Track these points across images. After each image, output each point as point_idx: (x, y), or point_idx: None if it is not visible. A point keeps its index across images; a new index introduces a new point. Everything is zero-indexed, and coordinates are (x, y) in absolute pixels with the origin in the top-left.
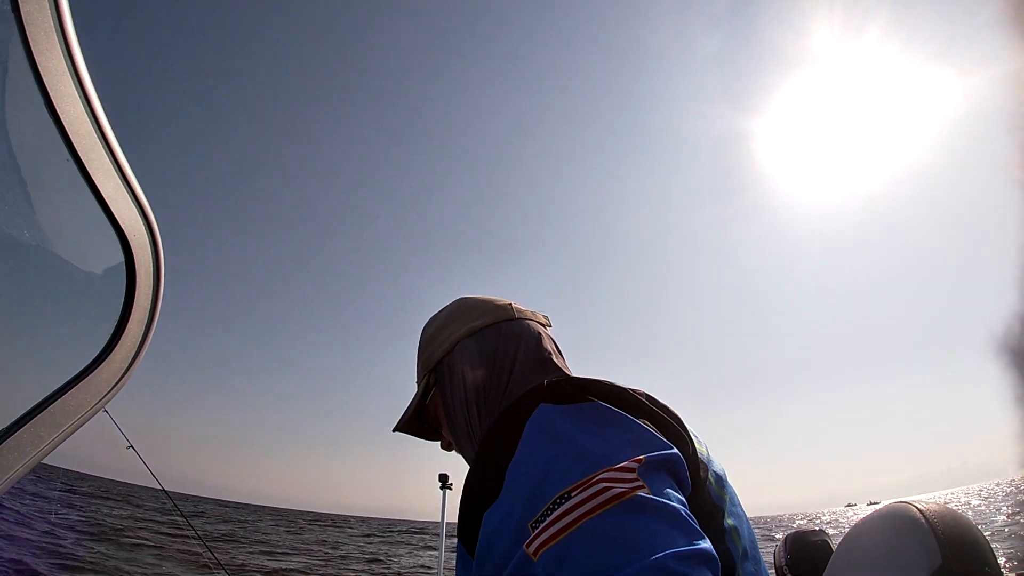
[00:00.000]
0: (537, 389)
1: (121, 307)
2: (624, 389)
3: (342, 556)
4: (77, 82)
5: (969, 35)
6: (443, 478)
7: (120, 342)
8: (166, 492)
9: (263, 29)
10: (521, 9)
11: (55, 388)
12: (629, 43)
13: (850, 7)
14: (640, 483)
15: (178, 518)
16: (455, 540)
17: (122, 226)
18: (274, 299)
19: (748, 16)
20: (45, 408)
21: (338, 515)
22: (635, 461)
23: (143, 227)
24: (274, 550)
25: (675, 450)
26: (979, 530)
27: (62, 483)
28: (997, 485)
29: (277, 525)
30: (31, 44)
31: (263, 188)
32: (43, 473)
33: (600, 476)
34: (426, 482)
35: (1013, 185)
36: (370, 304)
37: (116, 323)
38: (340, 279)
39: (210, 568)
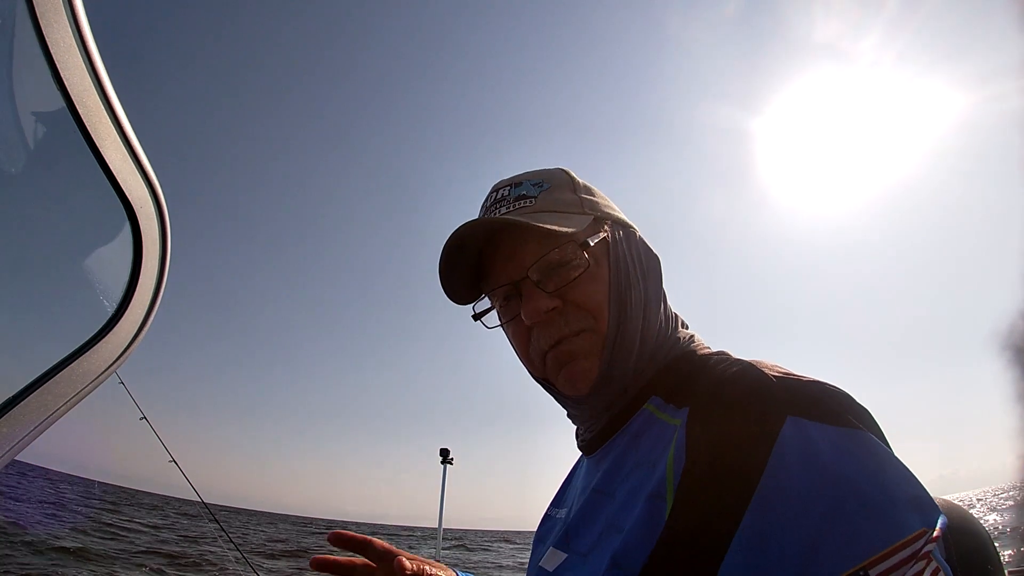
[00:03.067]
0: (776, 386)
1: (128, 276)
2: (865, 408)
3: None
4: (84, 53)
5: (980, 43)
6: (444, 452)
7: (127, 311)
8: (176, 463)
9: (268, 31)
10: (530, 9)
11: (64, 356)
12: (636, 44)
13: (855, 11)
14: (937, 566)
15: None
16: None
17: (128, 197)
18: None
19: (758, 17)
20: (54, 375)
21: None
22: (929, 538)
23: (149, 198)
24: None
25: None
26: (983, 527)
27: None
28: (998, 494)
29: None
30: (38, 15)
31: (271, 193)
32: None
33: (899, 552)
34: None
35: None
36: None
37: (123, 292)
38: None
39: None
